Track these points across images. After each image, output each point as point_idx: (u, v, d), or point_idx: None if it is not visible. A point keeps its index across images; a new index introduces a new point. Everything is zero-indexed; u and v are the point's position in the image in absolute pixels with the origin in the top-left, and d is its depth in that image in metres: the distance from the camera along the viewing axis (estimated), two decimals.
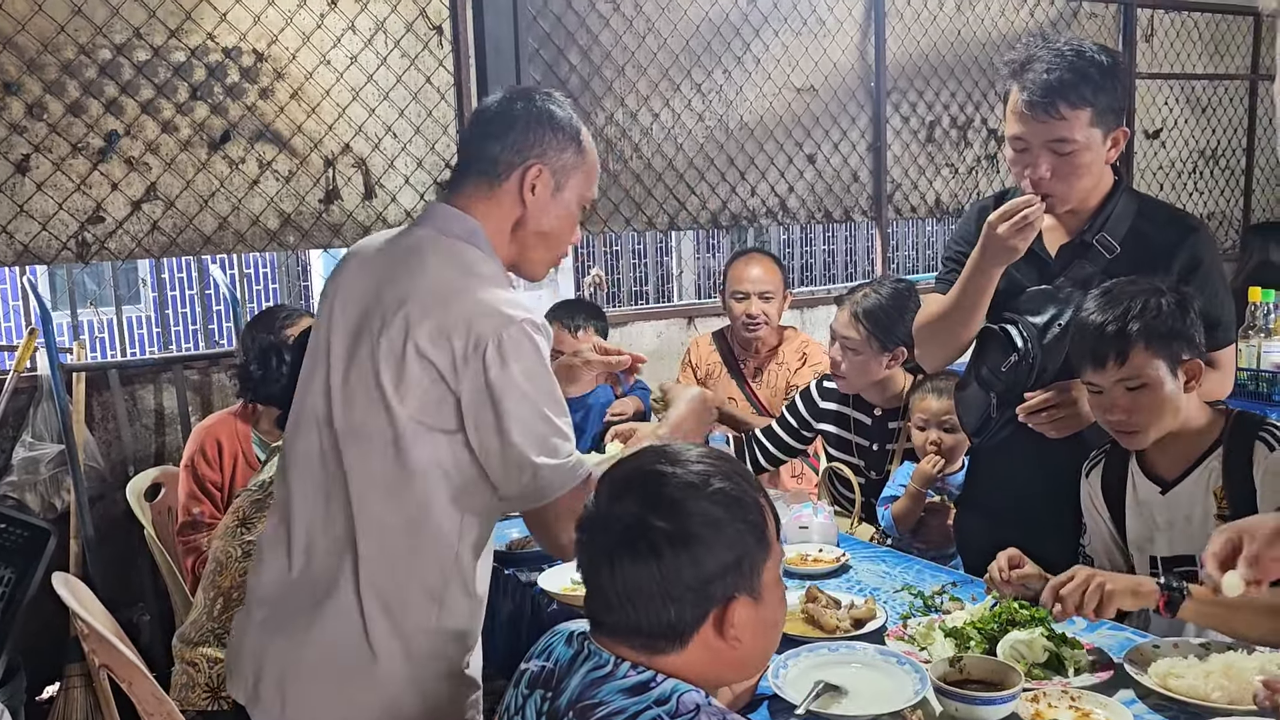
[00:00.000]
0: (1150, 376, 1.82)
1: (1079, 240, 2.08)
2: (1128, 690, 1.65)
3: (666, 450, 1.25)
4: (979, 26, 4.72)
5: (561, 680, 1.21)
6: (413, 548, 1.51)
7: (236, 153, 3.25)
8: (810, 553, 2.28)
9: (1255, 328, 3.68)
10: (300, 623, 1.52)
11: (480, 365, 1.45)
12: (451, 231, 1.58)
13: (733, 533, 1.16)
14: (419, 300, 1.48)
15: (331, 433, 1.54)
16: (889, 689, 1.64)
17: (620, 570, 1.16)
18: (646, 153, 3.98)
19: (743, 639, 1.18)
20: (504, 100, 1.63)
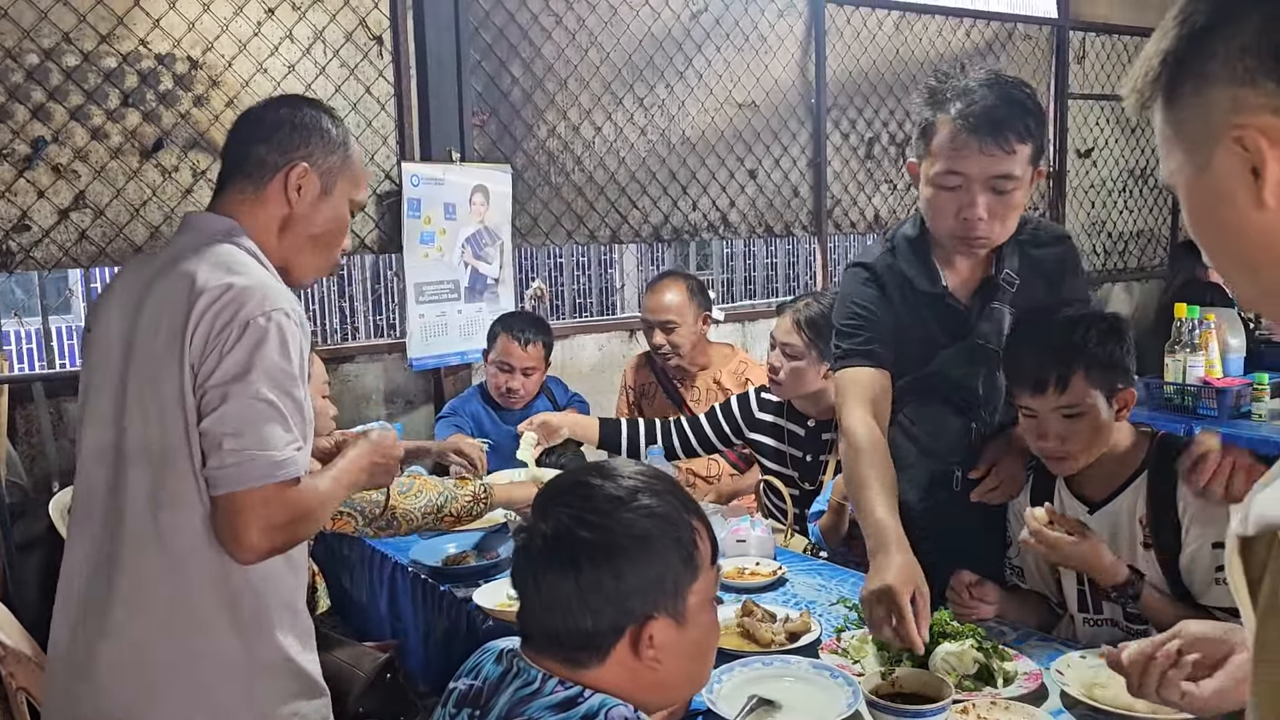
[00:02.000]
0: (1088, 405, 1.81)
1: (987, 281, 1.98)
2: (1055, 700, 1.68)
3: (604, 465, 1.26)
4: (917, 46, 4.81)
5: (490, 699, 1.20)
6: (210, 558, 1.48)
7: (170, 161, 3.19)
8: (747, 566, 2.29)
9: (1181, 343, 3.78)
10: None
11: (220, 349, 1.42)
12: (207, 231, 1.55)
13: (655, 549, 1.16)
14: (179, 301, 1.45)
15: (117, 457, 1.50)
16: (822, 703, 1.65)
17: (543, 580, 1.17)
18: (589, 166, 3.99)
19: (663, 661, 1.18)
20: (269, 106, 1.64)
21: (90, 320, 1.64)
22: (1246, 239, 0.74)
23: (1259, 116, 0.70)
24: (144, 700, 1.47)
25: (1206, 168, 0.75)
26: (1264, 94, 0.70)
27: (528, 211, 3.87)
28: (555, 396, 3.45)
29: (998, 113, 1.78)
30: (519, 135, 3.82)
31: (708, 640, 1.26)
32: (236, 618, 1.49)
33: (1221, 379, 3.75)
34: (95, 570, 1.50)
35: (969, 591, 1.91)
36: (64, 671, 1.53)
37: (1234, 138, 0.71)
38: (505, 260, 3.80)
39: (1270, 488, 0.66)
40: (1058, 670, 1.72)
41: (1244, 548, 0.68)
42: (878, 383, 1.95)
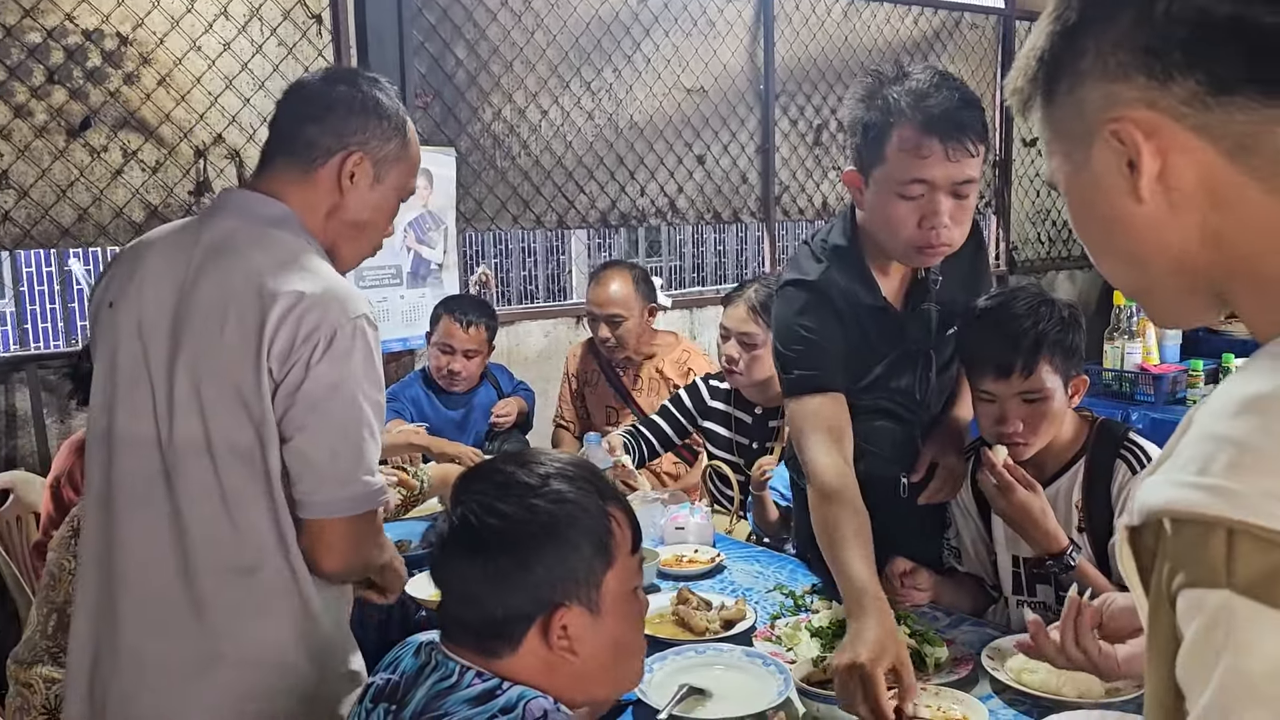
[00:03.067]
0: (1049, 390, 1.81)
1: (916, 284, 1.93)
2: (985, 686, 1.69)
3: (523, 453, 1.25)
4: (865, 34, 4.82)
5: (407, 693, 1.17)
6: (258, 563, 1.44)
7: (98, 141, 3.09)
8: (686, 554, 2.28)
9: (1119, 330, 3.84)
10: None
11: (308, 357, 1.37)
12: (259, 217, 1.47)
13: (565, 536, 1.15)
14: (248, 297, 1.39)
15: (163, 452, 1.44)
16: (754, 690, 1.64)
17: (454, 569, 1.16)
18: (535, 150, 3.94)
19: (579, 652, 1.16)
20: (325, 81, 1.55)
21: (112, 295, 1.51)
22: (1127, 234, 0.73)
23: (1133, 110, 0.70)
24: (191, 707, 1.44)
25: (1085, 165, 0.74)
26: (1136, 88, 0.70)
27: (472, 196, 3.82)
28: (500, 384, 3.42)
29: (960, 115, 1.66)
30: (463, 118, 3.76)
31: (630, 635, 1.23)
32: (305, 619, 1.46)
33: (1158, 365, 3.82)
34: (156, 567, 1.44)
35: (902, 580, 1.91)
36: (96, 668, 1.49)
37: (1110, 132, 0.71)
38: (449, 245, 3.75)
39: (1152, 477, 0.66)
40: (988, 656, 1.73)
41: (1132, 538, 0.68)
42: (836, 411, 1.81)
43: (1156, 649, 0.66)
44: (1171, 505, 0.62)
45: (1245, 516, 0.58)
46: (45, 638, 1.92)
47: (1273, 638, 0.57)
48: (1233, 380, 0.66)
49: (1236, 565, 0.58)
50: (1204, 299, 0.74)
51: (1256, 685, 0.58)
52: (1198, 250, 0.71)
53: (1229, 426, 0.62)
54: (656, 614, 1.95)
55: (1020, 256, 5.52)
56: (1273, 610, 0.57)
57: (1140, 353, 3.81)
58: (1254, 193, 0.67)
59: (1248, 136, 0.67)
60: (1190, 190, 0.69)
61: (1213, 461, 0.61)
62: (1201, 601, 0.60)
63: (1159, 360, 3.87)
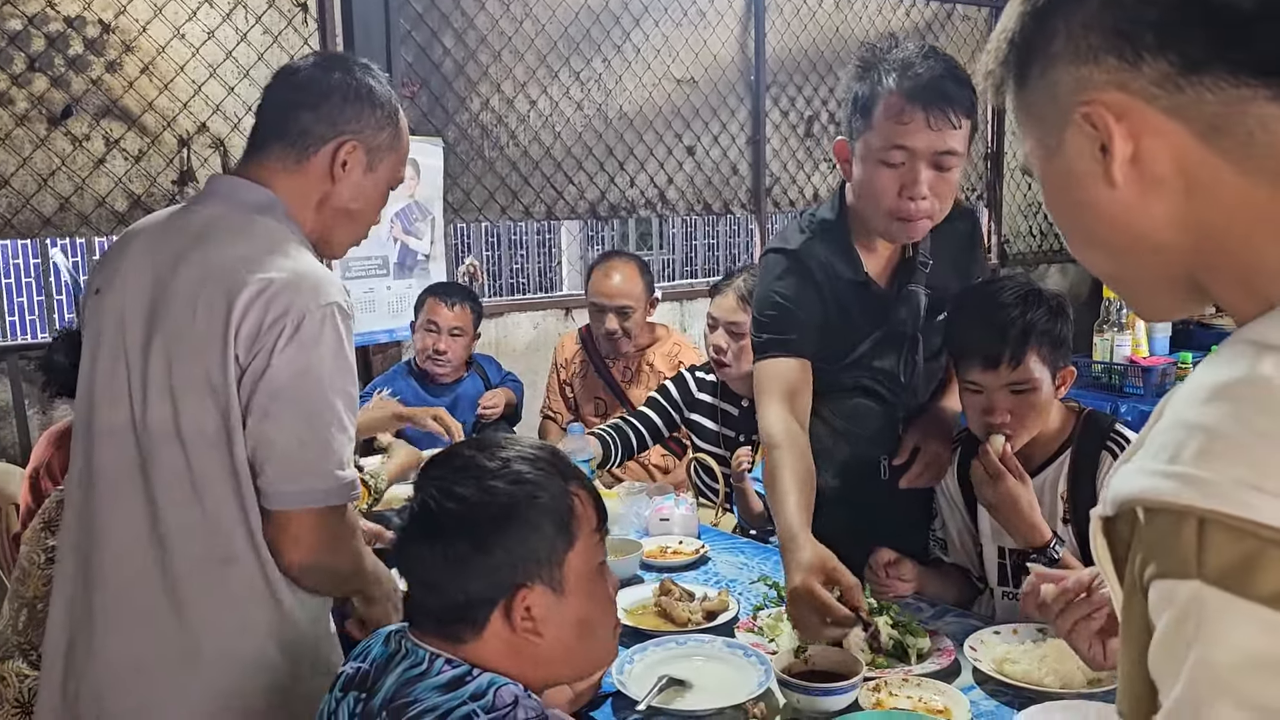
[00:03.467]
0: (1037, 381, 1.80)
1: (904, 264, 1.93)
2: (967, 677, 1.68)
3: (484, 438, 1.24)
4: (857, 24, 4.80)
5: (376, 680, 1.16)
6: (230, 555, 1.42)
7: (80, 129, 3.07)
8: (670, 545, 2.27)
9: (1109, 323, 3.83)
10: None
11: (273, 343, 1.35)
12: (244, 204, 1.46)
13: (524, 517, 1.14)
14: (220, 282, 1.37)
15: (138, 438, 1.42)
16: (734, 682, 1.63)
17: (416, 554, 1.16)
18: (523, 140, 3.91)
19: (544, 633, 1.15)
20: (318, 67, 1.52)
21: (99, 282, 1.50)
22: (1100, 220, 0.72)
23: (1104, 92, 0.68)
24: (166, 704, 1.42)
25: (1058, 149, 0.73)
26: (1108, 70, 0.68)
27: (460, 186, 3.79)
28: (488, 375, 3.40)
29: (944, 85, 1.68)
30: (451, 108, 3.73)
31: (597, 614, 1.22)
32: (278, 614, 1.45)
33: (1147, 358, 3.81)
34: (132, 558, 1.42)
35: (886, 570, 1.90)
36: (70, 661, 1.47)
37: (1081, 115, 0.69)
38: (437, 236, 3.72)
39: (1125, 466, 0.65)
40: (971, 647, 1.71)
41: (1107, 528, 0.67)
42: (796, 374, 1.86)
43: (1130, 640, 0.65)
44: (1143, 494, 0.61)
45: (1216, 505, 0.57)
46: (16, 633, 1.90)
47: (1243, 629, 0.56)
48: (1205, 366, 0.64)
49: (1207, 555, 0.57)
50: (1181, 287, 0.73)
51: (1226, 678, 0.57)
52: (1172, 235, 0.69)
53: (1200, 413, 0.61)
54: (639, 605, 1.94)
55: (1012, 250, 5.51)
56: (1244, 601, 0.56)
57: (1130, 345, 3.81)
58: (1227, 175, 0.66)
59: (1219, 118, 0.66)
60: (1164, 173, 0.68)
61: (1184, 449, 0.60)
62: (1173, 592, 0.59)
63: (1148, 353, 3.86)
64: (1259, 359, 0.60)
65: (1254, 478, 0.57)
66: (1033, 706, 1.52)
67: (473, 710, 1.08)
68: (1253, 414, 0.59)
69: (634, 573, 2.11)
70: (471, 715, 1.07)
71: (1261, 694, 0.55)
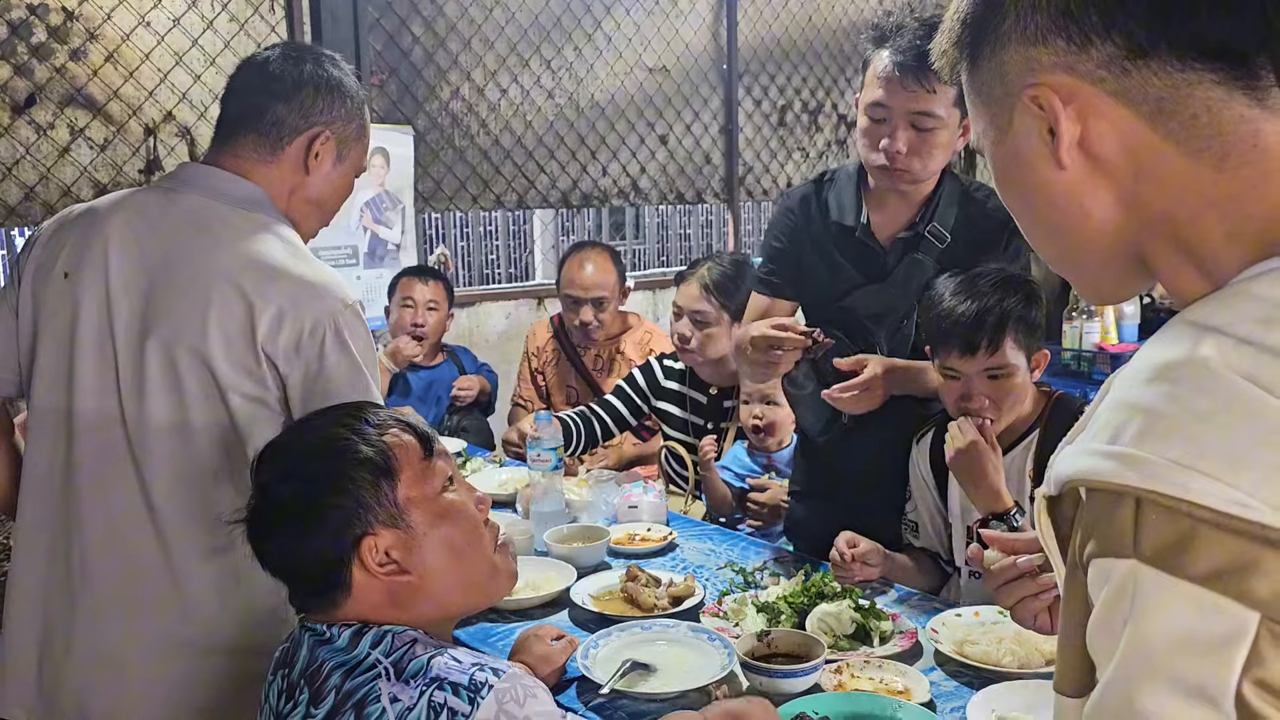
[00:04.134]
0: (1013, 367, 1.83)
1: (911, 232, 2.02)
2: (929, 659, 1.69)
3: (297, 421, 1.32)
4: (829, 13, 4.81)
5: (294, 654, 1.21)
6: (229, 543, 1.42)
7: (44, 118, 3.03)
8: (639, 532, 2.27)
9: (1079, 310, 3.87)
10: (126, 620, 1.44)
11: (319, 349, 1.41)
12: (230, 196, 1.48)
13: (339, 473, 1.18)
14: (234, 278, 1.41)
15: (128, 430, 1.43)
16: (698, 665, 1.64)
17: (265, 546, 1.23)
18: (494, 129, 3.90)
19: (412, 569, 1.19)
20: (289, 59, 1.54)
21: (67, 264, 1.48)
22: (1049, 202, 0.73)
23: (1051, 75, 0.69)
24: (159, 694, 1.44)
25: (1008, 130, 0.74)
26: (1055, 52, 0.69)
27: (431, 175, 3.78)
28: (464, 365, 3.40)
29: (926, 49, 1.76)
30: (421, 96, 3.72)
31: (458, 532, 1.24)
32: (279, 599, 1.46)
33: (1116, 345, 3.85)
34: (126, 549, 1.43)
35: (851, 555, 1.92)
36: (47, 655, 1.47)
37: (1029, 97, 0.70)
38: (408, 225, 3.71)
39: (1068, 448, 0.65)
40: (933, 629, 1.73)
41: (1051, 508, 0.67)
42: (768, 308, 2.13)
43: (1070, 618, 0.65)
44: (1084, 474, 0.62)
45: (1152, 486, 0.58)
46: None
47: (1176, 607, 0.57)
48: (1148, 347, 0.65)
49: (1143, 534, 0.58)
50: (1126, 266, 0.73)
51: (1158, 656, 0.57)
52: (1119, 216, 0.70)
53: (1140, 394, 0.62)
54: (605, 591, 1.95)
55: None
56: (1176, 579, 0.56)
57: (1099, 333, 3.85)
58: (1173, 156, 0.67)
59: (1165, 101, 0.66)
60: (1111, 155, 0.69)
61: (1124, 429, 0.61)
62: (1110, 571, 0.60)
63: (1117, 340, 3.90)
64: (1199, 341, 0.61)
65: (1190, 458, 0.57)
66: (990, 687, 1.54)
67: (376, 658, 1.13)
68: (1191, 395, 0.59)
69: (601, 559, 2.11)
70: (374, 664, 1.12)
71: (1193, 672, 0.56)
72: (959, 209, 2.03)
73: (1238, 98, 0.65)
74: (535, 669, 1.56)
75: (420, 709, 1.07)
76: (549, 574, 2.00)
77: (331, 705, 1.11)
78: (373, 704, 1.09)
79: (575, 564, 2.03)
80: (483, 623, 1.85)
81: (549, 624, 1.76)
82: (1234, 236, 0.66)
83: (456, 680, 1.09)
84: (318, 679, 1.14)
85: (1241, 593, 0.55)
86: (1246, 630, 0.55)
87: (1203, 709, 0.56)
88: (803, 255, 2.10)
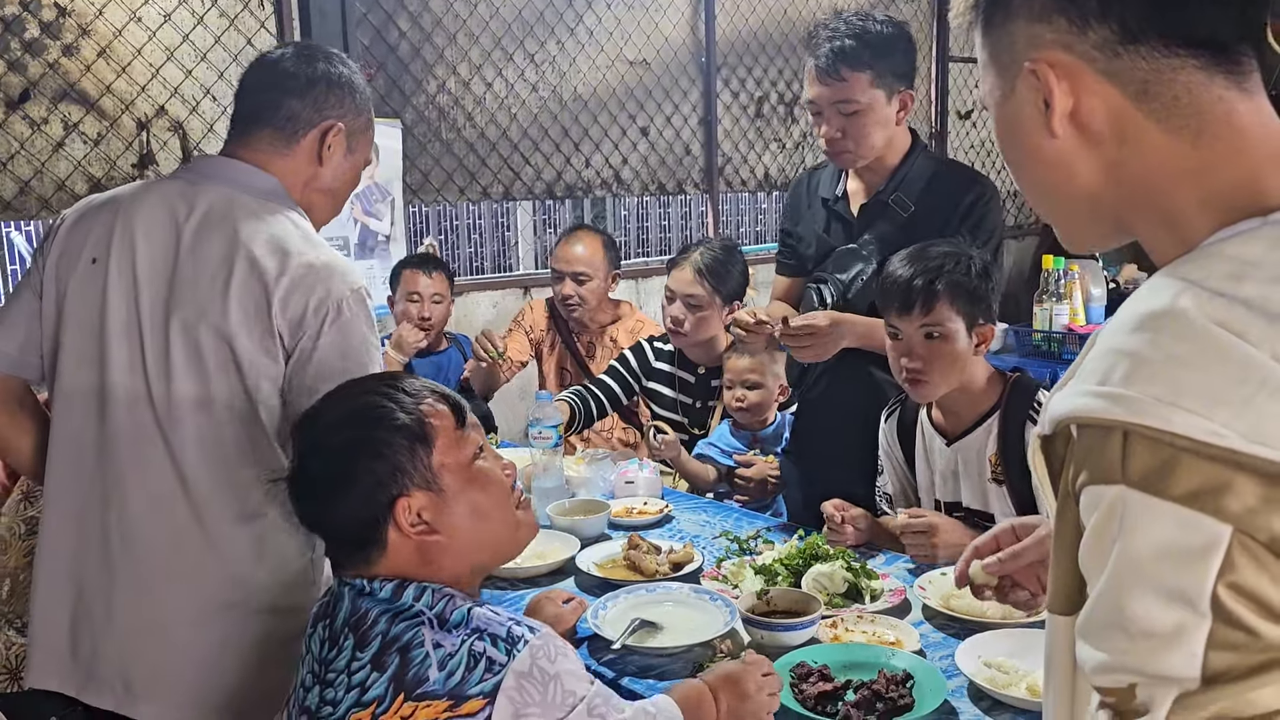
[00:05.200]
0: (948, 329, 1.93)
1: (877, 200, 2.23)
2: (917, 613, 1.80)
3: (335, 390, 1.37)
4: (804, 6, 4.90)
5: (335, 607, 1.28)
6: (256, 510, 1.52)
7: (38, 113, 3.07)
8: (636, 505, 2.37)
9: (1048, 293, 3.99)
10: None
11: (319, 327, 1.48)
12: (251, 188, 1.56)
13: (376, 439, 1.26)
14: (254, 259, 1.48)
15: (155, 407, 1.50)
16: (701, 623, 1.73)
17: (306, 507, 1.30)
18: (480, 122, 3.97)
19: (441, 529, 1.28)
20: (301, 58, 1.62)
21: (92, 249, 1.55)
22: (1041, 163, 0.81)
23: (1049, 51, 0.77)
24: (200, 656, 1.52)
25: (1011, 94, 0.82)
26: (1055, 30, 0.77)
27: (418, 168, 3.84)
28: (466, 352, 3.48)
29: (835, 45, 2.09)
30: (408, 90, 3.78)
31: (483, 496, 1.33)
32: (312, 554, 1.57)
33: (1084, 326, 3.97)
34: (161, 520, 1.50)
35: (841, 518, 2.02)
36: (81, 625, 1.53)
37: (1029, 70, 0.78)
38: (396, 217, 3.77)
39: (1060, 392, 0.73)
40: (920, 586, 1.84)
41: (1045, 447, 0.75)
42: (789, 287, 2.45)
43: (1062, 544, 0.74)
44: (1076, 412, 0.70)
45: (1138, 419, 0.65)
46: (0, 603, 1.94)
47: (1159, 524, 0.65)
48: (1132, 300, 0.73)
49: (1130, 462, 0.65)
50: (1107, 225, 0.82)
51: (1144, 567, 0.65)
52: (1103, 182, 0.79)
53: (1126, 341, 0.69)
54: (608, 559, 2.04)
55: None
56: (1159, 500, 0.64)
57: (1068, 314, 3.97)
58: (1154, 133, 0.75)
59: (1150, 83, 0.75)
60: (1099, 128, 0.77)
61: (1112, 372, 0.68)
62: (1100, 496, 0.67)
63: (1085, 321, 4.03)
64: (1179, 294, 0.68)
65: (1171, 396, 0.65)
66: (975, 636, 1.64)
67: (419, 610, 1.21)
68: (1171, 341, 0.67)
69: (602, 531, 2.20)
70: (418, 614, 1.21)
71: (1174, 579, 0.64)
72: (928, 183, 2.21)
73: (1218, 80, 0.74)
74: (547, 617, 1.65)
75: (461, 655, 1.15)
76: (554, 545, 2.08)
77: (378, 647, 1.19)
78: (417, 648, 1.17)
79: (578, 535, 2.12)
80: (494, 589, 1.94)
81: (559, 588, 1.85)
82: (1206, 204, 0.74)
83: (495, 632, 1.18)
84: (362, 625, 1.22)
85: (1217, 509, 0.63)
86: (1220, 541, 0.63)
87: (1182, 610, 0.64)
88: (803, 232, 2.38)
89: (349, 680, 1.19)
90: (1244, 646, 0.63)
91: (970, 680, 1.51)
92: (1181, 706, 0.64)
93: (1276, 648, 0.63)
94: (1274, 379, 0.64)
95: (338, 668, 1.21)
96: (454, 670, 1.14)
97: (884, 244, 2.17)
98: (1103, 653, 0.67)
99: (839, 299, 2.23)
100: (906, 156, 2.23)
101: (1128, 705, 0.66)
